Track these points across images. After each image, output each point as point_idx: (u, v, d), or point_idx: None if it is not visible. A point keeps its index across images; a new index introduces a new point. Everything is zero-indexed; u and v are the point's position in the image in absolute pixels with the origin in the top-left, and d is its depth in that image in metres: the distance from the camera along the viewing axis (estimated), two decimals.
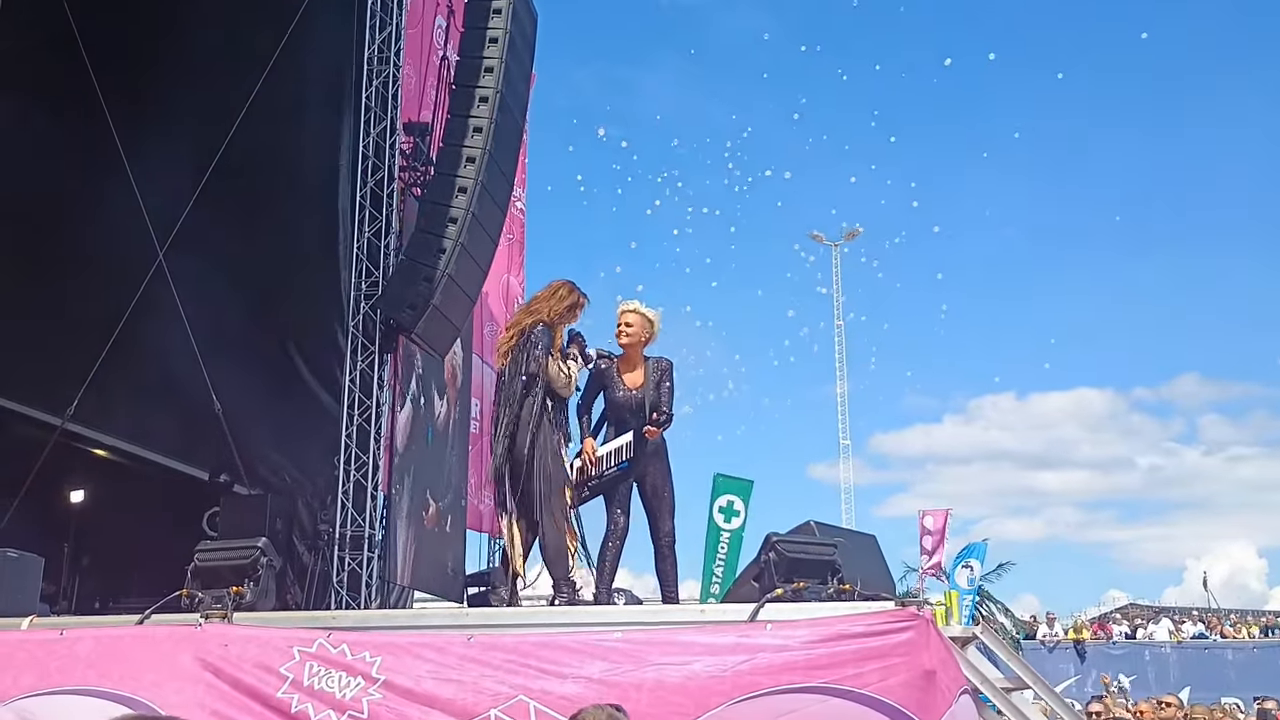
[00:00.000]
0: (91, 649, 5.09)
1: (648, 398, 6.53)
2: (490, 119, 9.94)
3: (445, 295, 9.91)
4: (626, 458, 6.41)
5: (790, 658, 4.51)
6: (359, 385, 10.19)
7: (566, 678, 4.55)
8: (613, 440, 6.50)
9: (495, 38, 10.05)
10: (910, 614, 4.66)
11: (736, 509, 13.81)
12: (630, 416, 6.51)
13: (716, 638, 4.69)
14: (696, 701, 4.42)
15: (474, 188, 9.87)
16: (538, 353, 6.29)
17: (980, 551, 18.06)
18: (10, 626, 5.54)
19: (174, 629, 5.18)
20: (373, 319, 10.26)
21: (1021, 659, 5.88)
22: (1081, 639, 24.33)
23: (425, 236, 10.01)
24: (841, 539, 5.89)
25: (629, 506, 6.52)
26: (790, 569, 5.37)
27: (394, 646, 4.81)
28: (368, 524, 10.03)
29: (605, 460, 6.43)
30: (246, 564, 5.56)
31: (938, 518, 22.59)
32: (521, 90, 10.88)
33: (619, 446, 6.45)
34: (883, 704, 4.38)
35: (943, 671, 4.56)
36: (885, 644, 4.53)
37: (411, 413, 11.40)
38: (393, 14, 10.75)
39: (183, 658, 4.90)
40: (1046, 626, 25.21)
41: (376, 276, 10.33)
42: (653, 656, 4.59)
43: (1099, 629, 26.09)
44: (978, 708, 4.91)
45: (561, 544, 6.24)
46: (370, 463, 10.10)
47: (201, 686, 4.77)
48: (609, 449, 6.46)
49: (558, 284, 6.62)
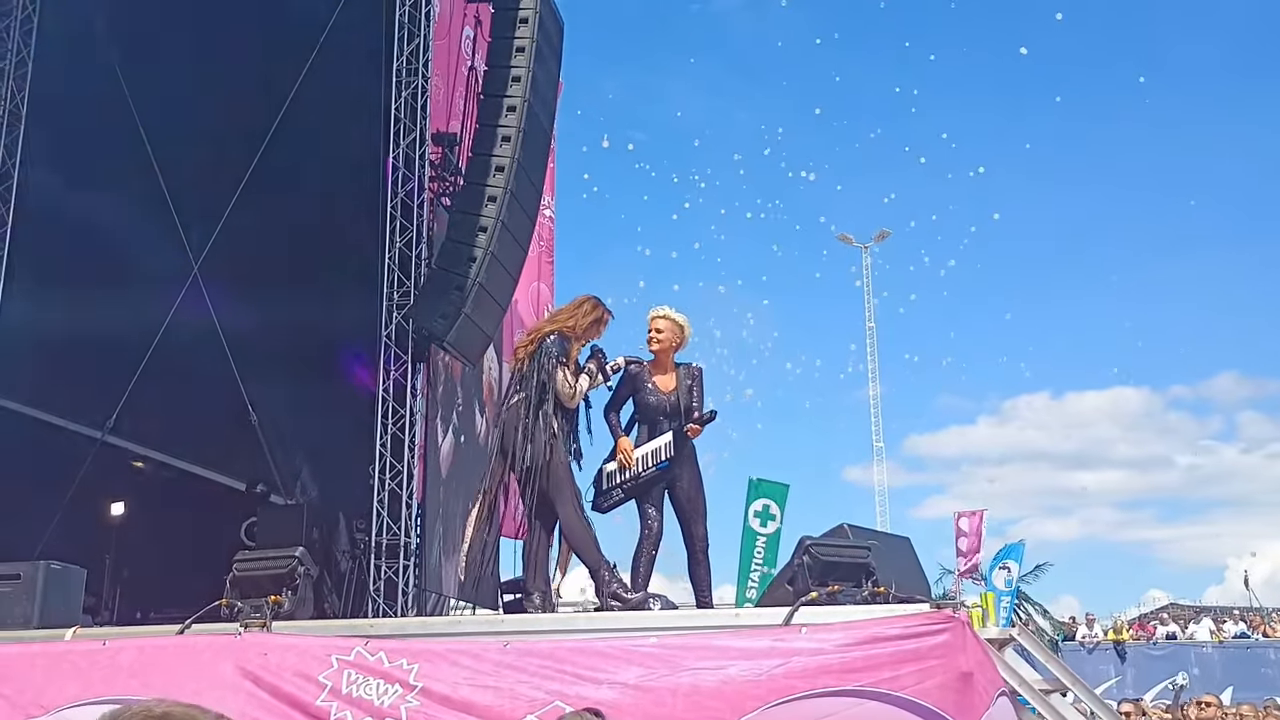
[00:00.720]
0: (134, 659, 5.15)
1: (681, 400, 6.57)
2: (518, 128, 9.99)
3: (476, 304, 9.96)
4: (666, 457, 6.44)
5: (825, 661, 4.51)
6: (393, 394, 10.25)
7: (602, 683, 4.56)
8: (648, 442, 6.53)
9: (522, 47, 10.10)
10: (946, 616, 4.65)
11: (772, 513, 13.74)
12: (664, 419, 6.54)
13: (751, 642, 4.69)
14: (732, 706, 4.42)
15: (503, 196, 9.92)
16: (549, 361, 6.34)
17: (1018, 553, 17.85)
18: (54, 638, 5.61)
19: (214, 638, 5.23)
20: (405, 328, 10.32)
21: (1060, 660, 5.83)
22: (1121, 640, 24.09)
23: (456, 246, 10.06)
24: (875, 541, 5.89)
25: (662, 510, 6.55)
26: (824, 572, 5.36)
27: (431, 654, 4.84)
28: (403, 532, 10.07)
29: (643, 461, 6.46)
30: (284, 573, 5.62)
31: (973, 519, 22.45)
32: (549, 98, 10.92)
33: (657, 447, 6.48)
34: (919, 706, 4.37)
35: (979, 673, 4.55)
36: (921, 646, 4.51)
37: (454, 444, 11.47)
38: (420, 26, 10.83)
39: (223, 666, 4.95)
40: (1086, 627, 24.97)
41: (408, 286, 10.39)
42: (688, 661, 4.60)
43: (1139, 629, 25.83)
44: (1016, 710, 4.89)
45: (585, 532, 6.28)
46: (405, 471, 10.15)
47: (241, 695, 4.82)
48: (647, 449, 6.49)
49: (583, 299, 6.67)
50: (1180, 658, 23.06)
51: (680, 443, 6.45)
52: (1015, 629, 5.53)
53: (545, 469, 6.22)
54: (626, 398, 6.66)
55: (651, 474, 6.46)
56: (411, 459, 10.29)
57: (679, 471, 6.53)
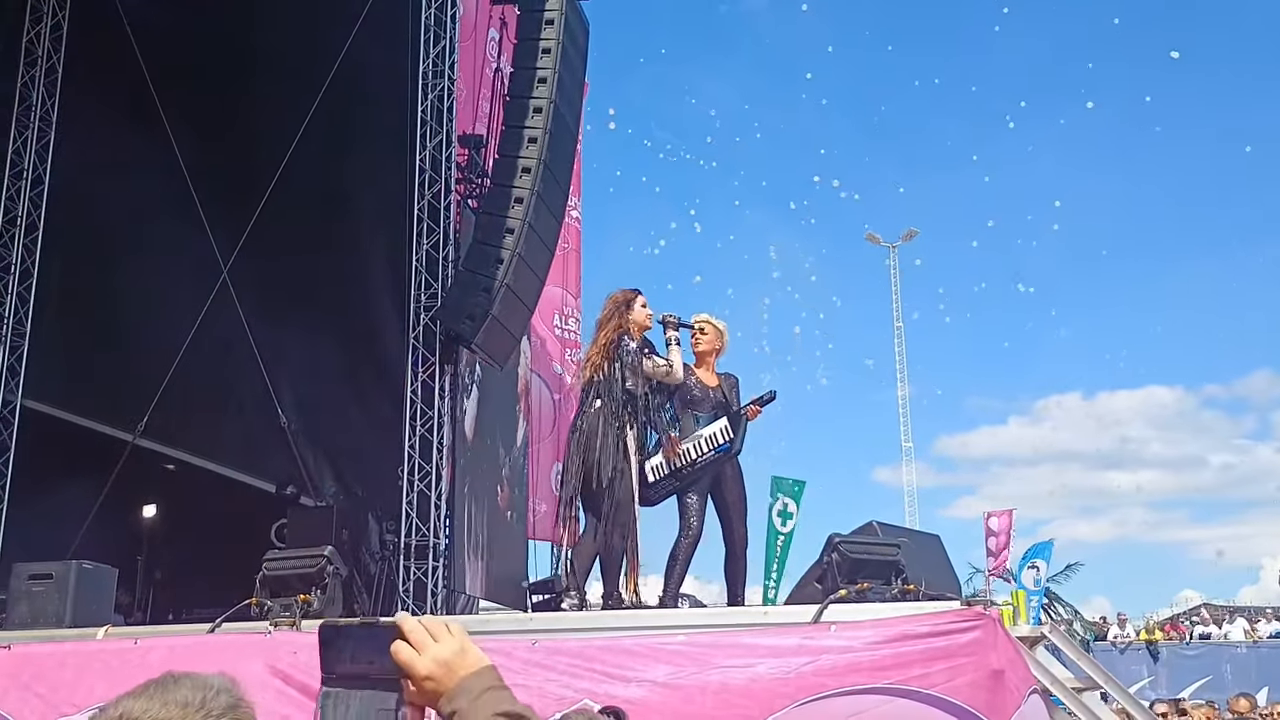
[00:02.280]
0: (164, 658, 5.18)
1: (726, 395, 6.65)
2: (544, 129, 9.99)
3: (504, 305, 9.97)
4: (725, 440, 6.44)
5: (855, 659, 4.49)
6: (420, 396, 10.27)
7: (631, 681, 4.55)
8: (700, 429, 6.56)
9: (548, 48, 10.10)
10: (976, 613, 4.62)
11: (790, 511, 13.76)
12: (710, 409, 6.60)
13: (780, 640, 4.67)
14: (761, 704, 4.41)
15: (529, 198, 9.93)
16: (630, 358, 6.37)
17: (1046, 552, 17.77)
18: (86, 637, 5.66)
19: (244, 637, 5.26)
20: (432, 330, 10.35)
21: (1091, 658, 5.79)
22: (1154, 640, 23.88)
23: (483, 248, 10.08)
24: (905, 539, 5.86)
25: (705, 510, 6.57)
26: (854, 570, 5.35)
27: None
28: (432, 534, 10.10)
29: (696, 446, 6.47)
30: (313, 572, 5.65)
31: (1002, 519, 22.28)
32: (575, 99, 10.93)
33: (713, 431, 6.49)
34: (950, 704, 4.34)
35: (1011, 671, 4.51)
36: (952, 644, 4.48)
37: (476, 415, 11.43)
38: (446, 28, 10.86)
39: (253, 665, 4.97)
40: (1118, 628, 24.77)
41: (435, 288, 10.41)
42: (717, 659, 4.58)
43: (1171, 629, 25.59)
44: (1048, 708, 4.85)
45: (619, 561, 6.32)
46: (434, 473, 10.17)
47: (271, 693, 4.84)
48: (701, 435, 6.50)
49: (610, 298, 6.73)
50: (1214, 658, 22.84)
51: (736, 425, 6.45)
52: (1047, 627, 5.49)
53: (619, 482, 6.26)
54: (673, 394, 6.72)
55: (710, 458, 6.48)
56: (440, 460, 10.31)
57: (726, 468, 6.56)
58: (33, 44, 11.33)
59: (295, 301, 10.74)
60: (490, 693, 1.51)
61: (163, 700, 1.53)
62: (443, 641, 1.53)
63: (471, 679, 1.51)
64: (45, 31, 11.32)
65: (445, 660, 1.51)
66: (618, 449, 6.29)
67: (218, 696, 1.56)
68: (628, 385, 6.38)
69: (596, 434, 6.33)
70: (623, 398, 6.36)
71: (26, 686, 5.23)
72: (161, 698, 1.54)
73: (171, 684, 1.56)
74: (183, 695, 1.54)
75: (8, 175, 11.06)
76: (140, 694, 1.55)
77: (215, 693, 1.56)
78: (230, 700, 1.57)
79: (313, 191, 10.70)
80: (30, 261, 11.11)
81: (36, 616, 6.10)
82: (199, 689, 1.55)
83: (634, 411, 6.41)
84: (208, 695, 1.55)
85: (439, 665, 1.51)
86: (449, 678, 1.51)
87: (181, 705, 1.53)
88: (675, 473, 6.46)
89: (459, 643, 1.53)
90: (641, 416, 6.49)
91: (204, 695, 1.55)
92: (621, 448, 6.30)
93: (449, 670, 1.51)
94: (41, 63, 11.28)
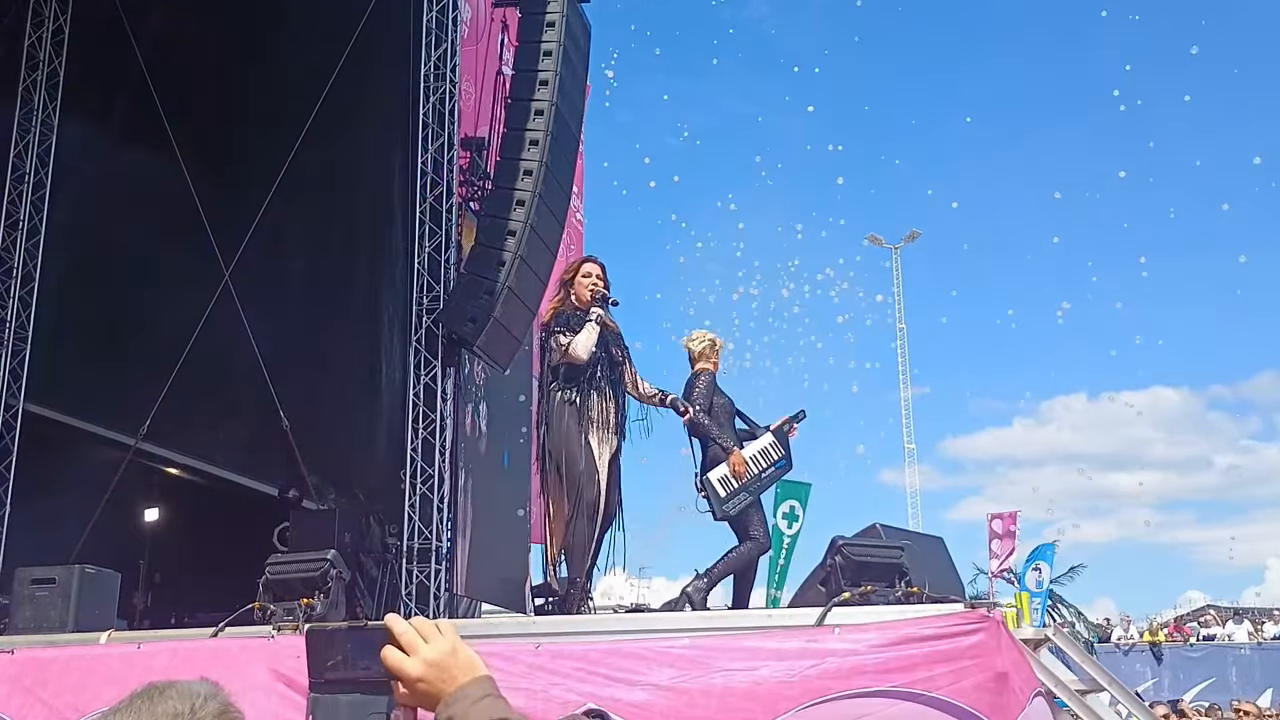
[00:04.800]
0: (168, 662, 5.18)
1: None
2: (546, 131, 9.98)
3: (506, 308, 9.96)
4: (779, 456, 6.61)
5: (859, 661, 4.48)
6: (423, 399, 10.27)
7: (635, 684, 4.55)
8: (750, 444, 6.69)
9: (549, 51, 10.09)
10: (980, 616, 4.61)
11: (797, 514, 13.74)
12: (730, 420, 6.79)
13: (784, 643, 4.66)
14: (765, 707, 4.40)
15: (531, 200, 9.92)
16: (550, 338, 6.42)
17: (1049, 554, 17.74)
18: (89, 641, 5.66)
19: (247, 641, 5.26)
20: (434, 333, 10.34)
21: (1095, 661, 5.78)
22: (1158, 641, 23.85)
23: (485, 250, 10.07)
24: (908, 541, 5.86)
25: (766, 521, 6.73)
26: (857, 572, 5.33)
27: None
28: (435, 537, 10.09)
29: (755, 461, 6.59)
30: (316, 576, 5.64)
31: (1006, 520, 22.27)
32: (577, 102, 10.92)
33: (764, 447, 6.62)
34: (955, 707, 4.34)
35: (1015, 673, 4.51)
36: (956, 646, 4.48)
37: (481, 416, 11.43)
38: (447, 31, 10.86)
39: (257, 669, 4.97)
40: (1121, 629, 24.74)
41: (438, 291, 10.41)
42: (720, 662, 4.58)
43: (1174, 630, 25.55)
44: (1052, 711, 4.84)
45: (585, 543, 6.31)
46: (436, 476, 10.16)
47: (275, 697, 4.84)
48: (754, 450, 6.61)
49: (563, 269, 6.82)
50: (1218, 659, 22.81)
51: (784, 441, 6.71)
52: (1050, 629, 5.48)
53: (562, 452, 6.27)
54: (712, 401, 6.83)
55: (772, 472, 6.70)
56: (442, 463, 10.30)
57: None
58: (34, 48, 11.33)
59: (297, 304, 10.73)
60: (488, 700, 1.50)
61: (151, 712, 1.51)
62: (433, 642, 1.51)
63: (470, 685, 1.51)
64: (47, 35, 11.32)
65: (437, 661, 1.50)
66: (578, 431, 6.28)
67: (206, 704, 1.53)
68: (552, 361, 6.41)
69: (553, 418, 6.37)
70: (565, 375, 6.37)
71: (30, 691, 5.23)
72: (150, 710, 1.51)
73: (158, 694, 1.54)
74: (171, 706, 1.52)
75: (9, 179, 11.05)
76: (126, 708, 1.52)
77: (203, 700, 1.54)
78: (219, 706, 1.55)
79: (315, 193, 10.69)
80: (32, 265, 11.09)
81: (39, 621, 6.10)
82: (186, 697, 1.53)
83: (579, 385, 6.38)
84: (196, 703, 1.53)
85: (431, 667, 1.50)
86: (443, 680, 1.50)
87: (171, 716, 1.50)
88: (744, 486, 6.56)
89: (450, 643, 1.52)
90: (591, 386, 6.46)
91: (192, 704, 1.52)
92: (582, 429, 6.29)
93: (442, 671, 1.50)
94: (43, 66, 11.28)
